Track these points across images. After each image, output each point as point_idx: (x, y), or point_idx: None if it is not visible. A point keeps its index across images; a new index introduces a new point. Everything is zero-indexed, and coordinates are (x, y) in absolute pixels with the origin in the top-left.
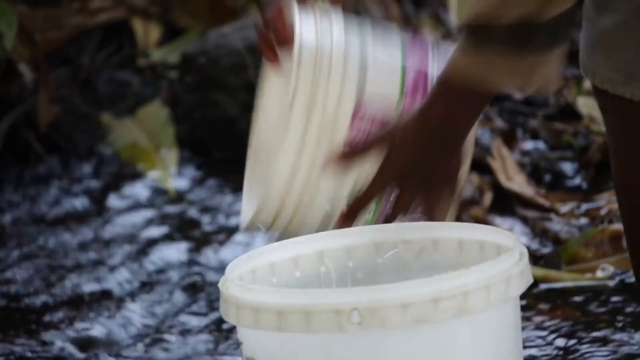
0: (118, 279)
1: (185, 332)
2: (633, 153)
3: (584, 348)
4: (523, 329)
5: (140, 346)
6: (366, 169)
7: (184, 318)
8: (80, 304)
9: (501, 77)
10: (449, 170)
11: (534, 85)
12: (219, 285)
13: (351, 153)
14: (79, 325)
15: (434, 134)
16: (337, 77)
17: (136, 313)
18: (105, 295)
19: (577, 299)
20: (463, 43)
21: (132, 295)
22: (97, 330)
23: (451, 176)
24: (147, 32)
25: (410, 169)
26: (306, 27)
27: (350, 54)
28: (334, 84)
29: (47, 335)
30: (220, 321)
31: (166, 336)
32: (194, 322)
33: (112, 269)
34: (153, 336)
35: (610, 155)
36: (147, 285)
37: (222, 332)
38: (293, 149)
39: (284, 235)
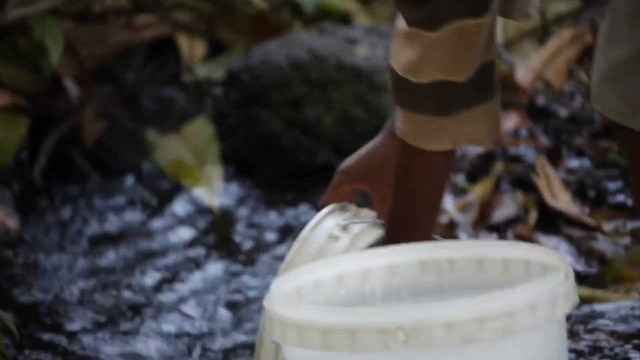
0: (161, 296)
1: (228, 350)
2: None
3: None
4: (568, 349)
5: None
6: None
7: (227, 336)
8: (124, 320)
9: (429, 137)
10: None
11: (464, 143)
12: (264, 303)
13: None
14: (121, 341)
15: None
16: None
17: (178, 330)
18: (147, 311)
19: (623, 319)
20: (396, 100)
21: (175, 311)
22: (139, 345)
23: None
24: (192, 49)
25: None
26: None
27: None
28: None
29: (89, 351)
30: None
31: (209, 354)
32: (237, 340)
33: (155, 285)
34: (196, 353)
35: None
36: (190, 302)
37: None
38: None
39: None
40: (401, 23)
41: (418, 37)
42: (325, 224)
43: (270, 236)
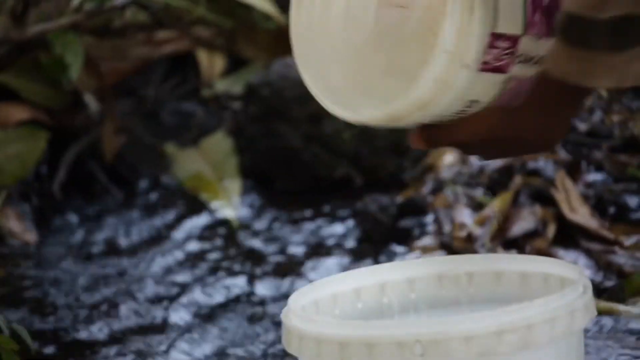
0: (179, 309)
1: None
2: None
3: None
4: None
5: None
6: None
7: (245, 349)
8: (141, 334)
9: (597, 75)
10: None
11: (630, 81)
12: (282, 316)
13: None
14: (139, 354)
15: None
16: None
17: (197, 343)
18: (166, 325)
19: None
20: (560, 38)
21: (193, 325)
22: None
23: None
24: (211, 63)
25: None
26: None
27: None
28: None
29: None
30: (280, 353)
31: None
32: (255, 353)
33: (173, 298)
34: None
35: None
36: (208, 315)
37: None
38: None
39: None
40: None
41: None
42: None
43: (289, 250)
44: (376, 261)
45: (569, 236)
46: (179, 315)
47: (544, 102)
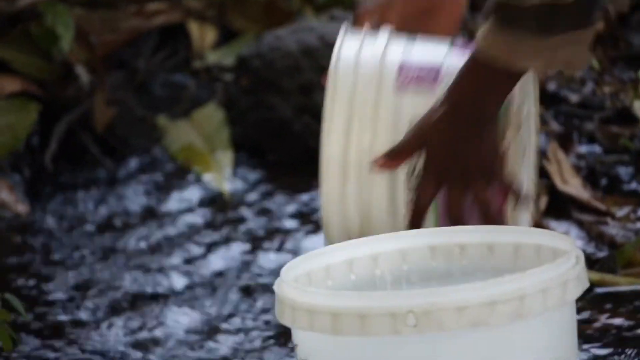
0: (172, 282)
1: (238, 334)
2: None
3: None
4: (578, 333)
5: (193, 349)
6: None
7: (237, 320)
8: (133, 306)
9: (525, 57)
10: (483, 154)
11: (557, 66)
12: (274, 287)
13: (392, 160)
14: (132, 326)
15: (462, 117)
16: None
17: (189, 315)
18: (158, 297)
19: (634, 303)
20: (490, 23)
21: (186, 297)
22: (150, 332)
23: (487, 160)
24: (202, 35)
25: (449, 163)
26: (349, 42)
27: (390, 52)
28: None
29: (99, 337)
30: (274, 323)
31: (219, 338)
32: (248, 324)
33: (166, 271)
34: (206, 338)
35: None
36: (200, 288)
37: (275, 334)
38: (340, 136)
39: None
40: None
41: None
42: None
43: (281, 221)
44: None
45: (561, 207)
46: (172, 286)
47: (473, 85)
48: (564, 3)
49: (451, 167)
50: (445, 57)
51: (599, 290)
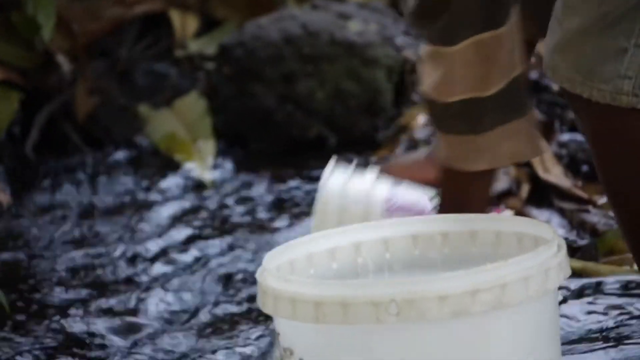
0: (153, 269)
1: (220, 322)
2: (600, 152)
3: (621, 341)
4: (560, 321)
5: (173, 335)
6: None
7: (219, 309)
8: (114, 293)
9: (468, 158)
10: None
11: (505, 161)
12: (257, 276)
13: None
14: (112, 313)
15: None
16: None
17: (171, 303)
18: (139, 284)
19: (614, 291)
20: (432, 122)
21: (168, 285)
22: (130, 319)
23: None
24: (184, 24)
25: None
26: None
27: (378, 186)
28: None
29: (81, 324)
30: (256, 312)
31: (200, 325)
32: (228, 311)
33: (148, 259)
34: (187, 326)
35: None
36: (182, 275)
37: (257, 322)
38: None
39: None
40: (424, 47)
41: (440, 55)
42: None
43: (263, 210)
44: None
45: (542, 196)
46: (153, 273)
47: (453, 192)
48: (484, 97)
49: None
50: (430, 198)
51: (580, 278)
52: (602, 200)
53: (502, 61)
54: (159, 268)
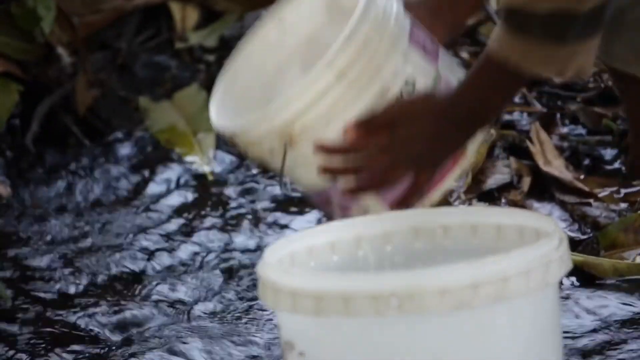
0: (155, 262)
1: (221, 314)
2: None
3: (623, 335)
4: (561, 314)
5: (174, 328)
6: None
7: (220, 301)
8: (114, 286)
9: (537, 65)
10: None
11: (570, 73)
12: (257, 269)
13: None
14: (112, 306)
15: (460, 115)
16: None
17: (172, 296)
18: (142, 277)
19: (616, 284)
20: (503, 26)
21: (169, 278)
22: (133, 312)
23: (443, 161)
24: (184, 16)
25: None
26: None
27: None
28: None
29: (81, 318)
30: (255, 303)
31: (202, 318)
32: (229, 303)
33: (150, 252)
34: (189, 318)
35: (629, 140)
36: (183, 268)
37: (258, 315)
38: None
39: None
40: None
41: None
42: None
43: (264, 203)
44: None
45: (543, 188)
46: (154, 266)
47: (483, 83)
48: (577, 12)
49: (411, 155)
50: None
51: (582, 271)
52: (604, 193)
53: None
54: (159, 260)
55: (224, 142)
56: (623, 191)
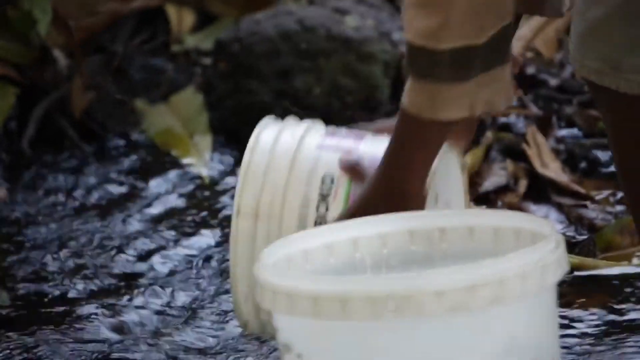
0: (152, 265)
1: (218, 317)
2: (625, 144)
3: (619, 336)
4: (559, 317)
5: (172, 330)
6: None
7: (216, 304)
8: (114, 290)
9: (446, 106)
10: None
11: (480, 109)
12: (254, 271)
13: None
14: (109, 309)
15: (390, 185)
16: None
17: (169, 299)
18: (139, 281)
19: (613, 286)
20: (411, 70)
21: (166, 281)
22: (131, 315)
23: None
24: (181, 19)
25: None
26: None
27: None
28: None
29: (81, 321)
30: None
31: (199, 322)
32: (227, 308)
33: (146, 255)
34: (186, 322)
35: (610, 148)
36: (180, 272)
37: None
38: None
39: None
40: None
41: (435, 1)
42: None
43: None
44: None
45: (540, 191)
46: (150, 269)
47: (407, 143)
48: (477, 45)
49: None
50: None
51: (578, 274)
52: (600, 195)
53: (498, 8)
54: (156, 263)
55: (220, 145)
56: (619, 194)
